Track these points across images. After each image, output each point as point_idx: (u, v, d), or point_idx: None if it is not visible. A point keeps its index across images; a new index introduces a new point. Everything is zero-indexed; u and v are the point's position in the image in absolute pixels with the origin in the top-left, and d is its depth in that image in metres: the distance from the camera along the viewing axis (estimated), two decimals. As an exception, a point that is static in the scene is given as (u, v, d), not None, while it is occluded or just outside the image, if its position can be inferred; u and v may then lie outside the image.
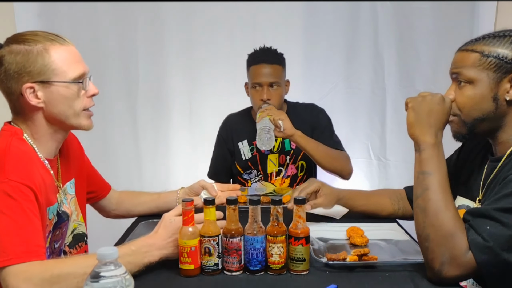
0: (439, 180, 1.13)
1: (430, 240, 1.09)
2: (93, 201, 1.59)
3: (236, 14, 2.72)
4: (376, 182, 2.88)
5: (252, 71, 2.07)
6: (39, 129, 1.24)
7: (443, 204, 1.11)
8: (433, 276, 1.10)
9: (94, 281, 0.86)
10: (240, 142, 2.18)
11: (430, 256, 1.09)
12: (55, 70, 1.20)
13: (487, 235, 1.04)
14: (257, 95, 2.05)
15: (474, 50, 1.20)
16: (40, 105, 1.21)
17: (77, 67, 1.24)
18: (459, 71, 1.22)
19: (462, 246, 1.06)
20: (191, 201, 1.16)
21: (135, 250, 1.16)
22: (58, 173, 1.33)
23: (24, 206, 1.09)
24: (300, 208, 1.17)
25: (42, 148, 1.25)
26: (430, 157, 1.15)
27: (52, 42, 1.20)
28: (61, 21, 2.64)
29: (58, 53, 1.20)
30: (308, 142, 1.97)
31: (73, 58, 1.24)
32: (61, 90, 1.21)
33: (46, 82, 1.19)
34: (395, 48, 2.72)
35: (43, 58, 1.18)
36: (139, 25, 2.73)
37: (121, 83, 2.77)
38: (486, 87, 1.17)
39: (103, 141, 2.78)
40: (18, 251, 1.05)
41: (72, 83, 1.22)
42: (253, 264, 1.17)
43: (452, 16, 2.60)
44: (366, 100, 2.81)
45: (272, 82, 2.03)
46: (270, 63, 2.04)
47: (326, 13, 2.72)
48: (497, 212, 1.05)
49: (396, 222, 1.57)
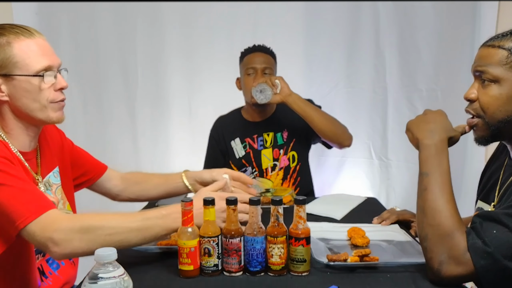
0: (436, 180, 1.12)
1: (428, 239, 1.09)
2: (90, 183, 1.54)
3: (236, 14, 2.72)
4: (378, 182, 2.88)
5: (245, 60, 2.12)
6: (8, 123, 1.23)
7: (440, 204, 1.10)
8: (433, 276, 1.09)
9: (92, 282, 0.85)
10: (232, 140, 2.19)
11: (429, 256, 1.09)
12: (17, 63, 1.18)
13: (489, 240, 1.02)
14: (251, 81, 2.06)
15: (501, 46, 1.11)
16: (4, 98, 1.20)
17: (41, 60, 1.21)
18: (483, 69, 1.13)
19: (460, 246, 1.05)
20: (191, 201, 1.15)
21: (165, 214, 1.18)
22: (37, 166, 1.32)
23: (12, 172, 1.12)
24: (301, 209, 1.16)
25: (15, 141, 1.24)
26: (427, 158, 1.15)
27: (17, 35, 1.19)
28: (60, 20, 2.64)
29: (21, 46, 1.18)
30: (305, 104, 2.01)
31: (38, 51, 1.21)
32: (23, 84, 1.19)
33: (8, 76, 1.18)
34: (396, 47, 2.71)
35: (4, 52, 1.17)
36: (138, 25, 2.73)
37: (121, 83, 2.77)
38: (511, 88, 1.10)
39: (102, 141, 2.78)
40: (32, 209, 1.09)
41: (34, 77, 1.20)
42: (253, 265, 1.16)
43: (454, 15, 2.59)
44: (367, 99, 2.81)
45: (266, 67, 2.08)
46: (264, 52, 2.11)
47: (326, 12, 2.72)
48: (507, 217, 1.02)
49: (398, 223, 1.56)
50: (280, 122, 2.18)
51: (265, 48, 2.14)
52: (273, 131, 2.16)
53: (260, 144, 2.16)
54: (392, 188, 2.82)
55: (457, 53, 2.58)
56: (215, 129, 2.27)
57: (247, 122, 2.19)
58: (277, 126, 2.17)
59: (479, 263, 1.02)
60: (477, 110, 1.17)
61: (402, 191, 2.75)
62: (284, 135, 2.16)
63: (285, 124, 2.17)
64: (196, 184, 1.55)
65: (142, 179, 1.64)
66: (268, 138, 2.15)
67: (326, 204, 1.82)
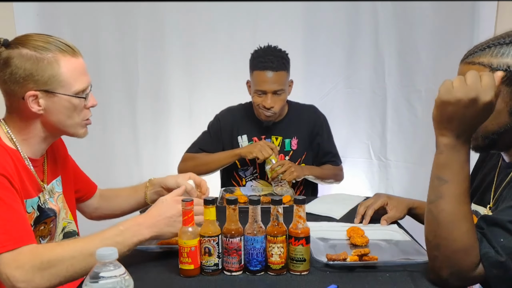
0: (455, 190, 1.03)
1: (441, 251, 1.04)
2: (80, 201, 1.56)
3: (236, 14, 2.72)
4: (377, 182, 2.88)
5: (256, 77, 2.01)
6: (30, 131, 1.24)
7: (456, 218, 1.02)
8: (437, 281, 1.08)
9: (94, 281, 0.86)
10: (240, 136, 2.16)
11: (438, 265, 1.06)
12: (61, 82, 1.20)
13: (501, 248, 1.00)
14: (260, 101, 2.03)
15: (481, 63, 1.07)
16: (40, 112, 1.21)
17: (82, 81, 1.24)
18: None
19: (472, 262, 1.02)
20: (191, 201, 1.16)
21: (123, 230, 1.16)
22: (43, 173, 1.32)
23: (4, 197, 1.09)
24: (301, 208, 1.17)
25: (28, 148, 1.25)
26: (448, 162, 1.04)
27: (63, 53, 1.20)
28: (61, 21, 2.65)
29: (67, 65, 1.20)
30: (314, 171, 2.11)
31: (80, 71, 1.24)
32: (64, 102, 1.22)
33: (51, 92, 1.19)
34: (395, 48, 2.72)
35: (52, 69, 1.18)
36: (139, 25, 2.74)
37: (121, 82, 2.78)
38: (500, 101, 1.06)
39: (103, 141, 2.79)
40: (3, 240, 1.06)
41: (75, 97, 1.23)
42: (253, 264, 1.17)
43: (453, 16, 2.60)
44: (367, 99, 2.82)
45: (276, 90, 1.99)
46: (275, 70, 1.97)
47: (326, 13, 2.73)
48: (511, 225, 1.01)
49: (397, 223, 1.57)
50: (290, 128, 2.15)
51: (277, 63, 1.97)
52: (282, 136, 2.14)
53: None
54: (391, 188, 2.83)
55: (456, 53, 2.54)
56: (224, 118, 2.20)
57: (258, 121, 2.14)
58: (287, 132, 2.14)
59: (492, 272, 1.01)
60: None
61: (401, 191, 2.76)
62: (293, 142, 2.14)
63: (295, 131, 2.15)
64: (162, 190, 1.53)
65: (113, 194, 1.63)
66: (276, 142, 2.13)
67: (326, 203, 1.82)
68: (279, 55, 2.02)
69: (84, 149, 1.73)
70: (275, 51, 2.03)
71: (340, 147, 2.26)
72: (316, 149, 2.18)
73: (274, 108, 2.02)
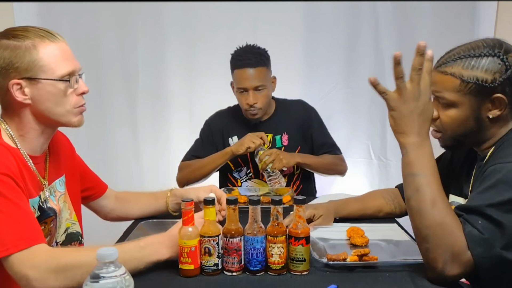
0: (428, 179, 1.12)
1: (430, 240, 1.09)
2: (90, 200, 1.56)
3: (236, 14, 2.72)
4: (377, 182, 2.88)
5: (236, 75, 2.05)
6: (25, 125, 1.23)
7: (436, 203, 1.09)
8: (435, 276, 1.09)
9: (94, 281, 0.86)
10: (230, 138, 2.17)
11: (432, 256, 1.09)
12: (42, 67, 1.18)
13: (481, 227, 1.05)
14: (243, 99, 2.05)
15: (453, 74, 1.18)
16: (27, 101, 1.19)
17: (66, 65, 1.21)
18: (440, 95, 1.21)
19: (461, 243, 1.06)
20: (191, 201, 1.16)
21: (143, 247, 1.16)
22: (45, 170, 1.31)
23: (8, 194, 1.09)
24: (300, 208, 1.17)
25: (27, 145, 1.24)
26: (415, 158, 1.13)
27: (42, 39, 1.19)
28: (61, 21, 2.65)
29: (47, 50, 1.18)
30: (307, 159, 2.08)
31: (63, 55, 1.21)
32: (48, 88, 1.20)
33: (33, 79, 1.18)
34: (395, 48, 2.68)
35: (30, 55, 1.17)
36: (139, 25, 2.74)
37: (121, 83, 2.78)
38: (468, 109, 1.18)
39: (103, 141, 2.79)
40: (14, 240, 1.06)
41: (59, 81, 1.21)
42: (253, 264, 1.17)
43: (453, 16, 2.60)
44: (367, 100, 2.81)
45: (257, 85, 2.02)
46: (254, 67, 2.01)
47: (326, 13, 2.72)
48: (486, 208, 1.06)
49: (396, 223, 1.57)
50: (280, 124, 2.16)
51: (255, 60, 2.02)
52: (272, 133, 2.14)
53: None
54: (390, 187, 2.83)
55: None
56: (213, 122, 2.22)
57: (247, 121, 2.15)
58: (277, 129, 2.15)
59: (476, 250, 1.04)
60: (439, 127, 1.24)
61: (401, 191, 2.76)
62: (283, 138, 2.14)
63: (285, 127, 2.15)
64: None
65: (131, 198, 1.64)
66: (267, 138, 2.12)
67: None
68: (257, 52, 2.06)
69: (84, 149, 1.72)
70: (253, 49, 2.07)
71: (340, 147, 2.26)
72: (310, 142, 2.17)
73: (257, 104, 2.03)
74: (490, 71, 1.15)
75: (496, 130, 1.20)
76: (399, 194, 1.60)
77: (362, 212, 1.60)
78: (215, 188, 1.55)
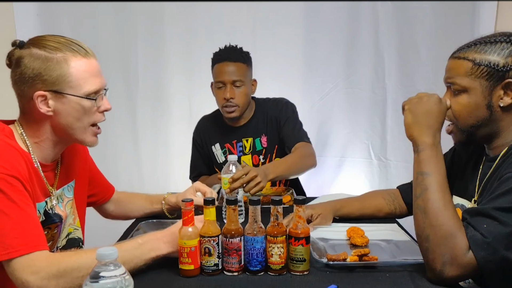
0: (438, 180, 1.14)
1: (430, 240, 1.09)
2: (95, 205, 1.58)
3: (236, 14, 2.72)
4: (377, 182, 2.88)
5: (215, 70, 2.04)
6: (42, 134, 1.22)
7: (442, 204, 1.11)
8: (434, 277, 1.10)
9: (94, 281, 0.86)
10: (213, 145, 2.16)
11: (431, 257, 1.09)
12: (70, 83, 1.17)
13: (485, 231, 1.05)
14: (221, 94, 2.01)
15: (466, 58, 1.20)
16: (49, 113, 1.19)
17: (94, 82, 1.21)
18: (452, 81, 1.22)
19: (462, 246, 1.06)
20: (191, 201, 1.16)
21: (141, 244, 1.16)
22: (55, 178, 1.31)
23: (14, 198, 1.08)
24: (301, 208, 1.17)
25: (40, 152, 1.24)
26: (429, 158, 1.16)
27: (74, 53, 1.18)
28: (61, 21, 2.65)
29: (77, 65, 1.18)
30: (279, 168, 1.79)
31: (91, 72, 1.21)
32: (73, 104, 1.19)
33: (60, 93, 1.17)
34: (395, 48, 2.72)
35: (61, 68, 1.16)
36: (139, 25, 2.73)
37: (121, 83, 2.78)
38: (480, 95, 1.18)
39: (103, 141, 2.73)
40: (16, 244, 1.05)
41: (86, 99, 1.20)
42: (253, 264, 1.17)
43: (453, 16, 2.60)
44: (367, 100, 2.81)
45: (235, 80, 1.98)
46: (233, 61, 1.99)
47: (326, 13, 2.72)
48: (494, 211, 1.05)
49: (397, 223, 1.57)
50: (258, 126, 2.11)
51: (235, 55, 2.01)
52: (251, 137, 2.11)
53: (239, 150, 2.11)
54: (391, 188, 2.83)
55: (456, 53, 2.58)
56: (197, 132, 2.21)
57: (227, 127, 2.13)
58: (255, 131, 2.11)
59: (480, 255, 1.04)
60: (450, 117, 1.25)
61: (401, 191, 2.76)
62: (262, 140, 2.10)
63: (263, 128, 2.11)
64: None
65: (126, 199, 1.65)
66: (247, 144, 2.10)
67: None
68: (239, 50, 2.04)
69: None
70: (234, 48, 2.06)
71: (340, 147, 2.25)
72: (282, 137, 2.07)
73: (235, 100, 1.99)
74: (503, 55, 1.16)
75: (508, 124, 1.19)
76: (399, 195, 1.60)
77: (361, 212, 1.61)
78: (199, 185, 1.57)
